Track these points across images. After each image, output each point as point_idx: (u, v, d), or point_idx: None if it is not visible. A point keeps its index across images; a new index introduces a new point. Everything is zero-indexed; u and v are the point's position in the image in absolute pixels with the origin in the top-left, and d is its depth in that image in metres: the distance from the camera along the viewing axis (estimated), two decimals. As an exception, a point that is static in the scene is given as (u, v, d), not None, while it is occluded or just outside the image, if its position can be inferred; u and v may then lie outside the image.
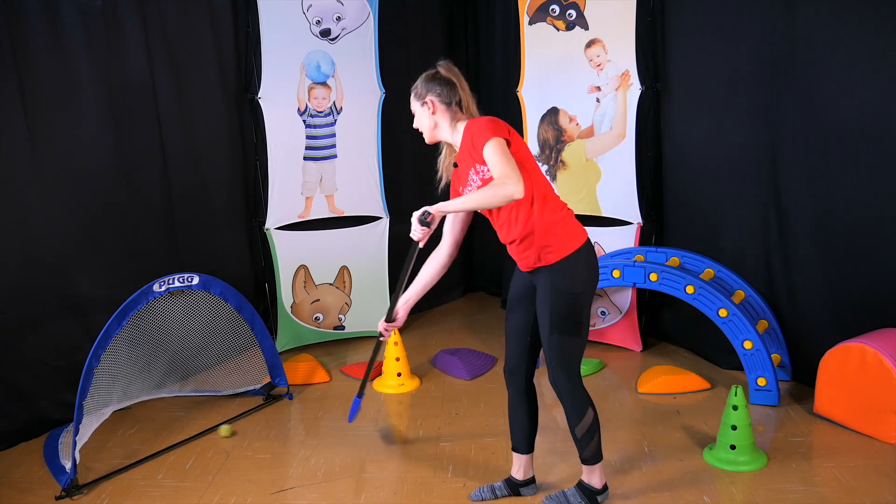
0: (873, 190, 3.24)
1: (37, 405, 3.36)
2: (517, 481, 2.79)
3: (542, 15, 4.27)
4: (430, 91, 2.58)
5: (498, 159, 2.31)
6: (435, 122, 2.59)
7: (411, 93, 2.64)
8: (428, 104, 2.58)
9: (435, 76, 2.62)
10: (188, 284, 3.28)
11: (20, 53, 3.20)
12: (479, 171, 2.45)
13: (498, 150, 2.33)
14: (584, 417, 2.55)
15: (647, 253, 4.01)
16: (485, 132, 2.37)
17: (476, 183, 2.48)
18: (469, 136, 2.45)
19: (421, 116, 2.61)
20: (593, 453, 2.61)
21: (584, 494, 2.66)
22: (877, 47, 3.14)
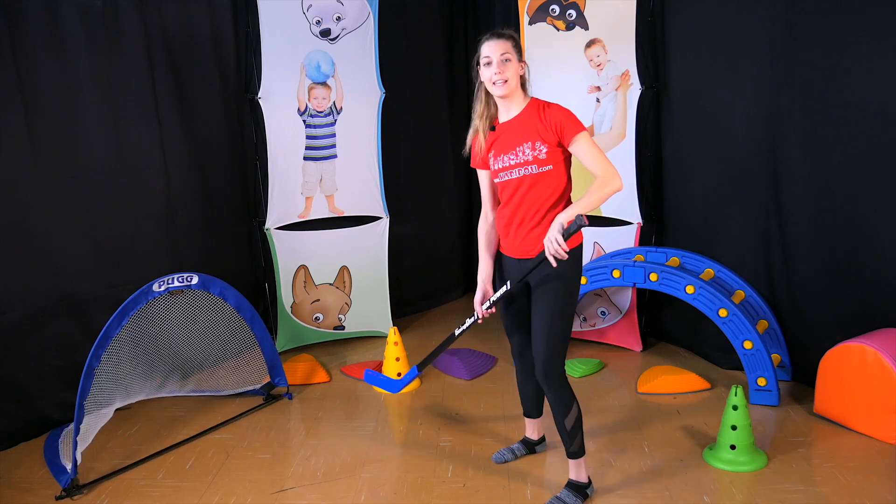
0: (873, 190, 3.24)
1: (37, 405, 3.36)
2: (532, 441, 3.12)
3: (542, 15, 4.27)
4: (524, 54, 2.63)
5: (598, 155, 2.47)
6: (519, 80, 2.59)
7: (509, 40, 2.56)
8: (523, 65, 2.60)
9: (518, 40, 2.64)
10: (188, 284, 3.28)
11: (20, 53, 3.20)
12: (537, 149, 2.53)
13: (595, 145, 2.49)
14: (572, 409, 2.65)
15: (647, 253, 4.01)
16: (578, 122, 2.50)
17: (527, 156, 2.54)
18: (557, 116, 2.51)
19: (514, 69, 2.55)
20: (580, 446, 2.71)
21: (576, 492, 2.73)
22: (877, 47, 3.14)
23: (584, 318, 4.43)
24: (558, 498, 2.72)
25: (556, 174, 2.56)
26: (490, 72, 2.55)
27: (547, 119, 2.52)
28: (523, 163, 2.55)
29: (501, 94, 2.57)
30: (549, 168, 2.54)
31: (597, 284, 3.85)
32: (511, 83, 2.55)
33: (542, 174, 2.55)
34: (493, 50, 2.54)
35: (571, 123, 2.49)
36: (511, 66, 2.54)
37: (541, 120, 2.53)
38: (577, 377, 3.93)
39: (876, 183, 3.23)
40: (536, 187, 2.56)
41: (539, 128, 2.52)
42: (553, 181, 2.56)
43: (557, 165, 2.55)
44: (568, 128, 2.48)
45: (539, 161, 2.53)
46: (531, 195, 2.58)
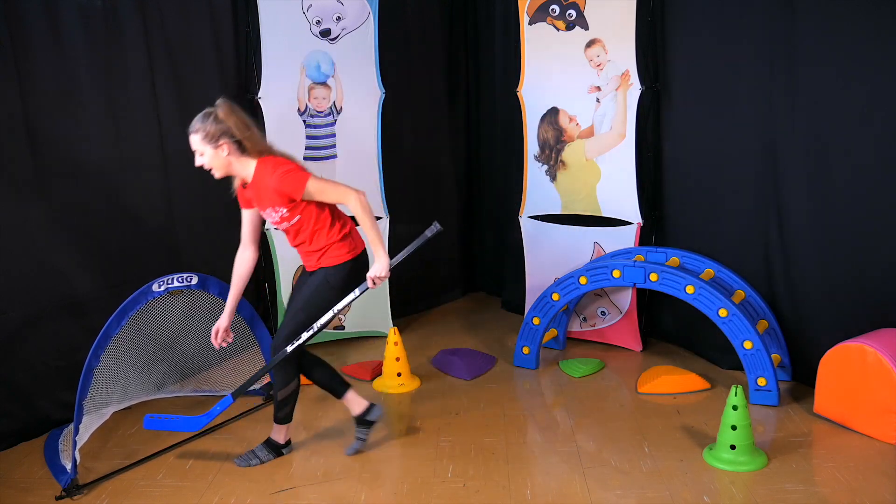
0: (873, 190, 3.24)
1: (37, 405, 3.36)
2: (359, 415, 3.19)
3: (542, 15, 4.27)
4: (223, 133, 2.80)
5: (328, 190, 2.88)
6: (227, 161, 2.84)
7: (197, 133, 2.79)
8: (223, 146, 2.81)
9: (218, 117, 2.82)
10: (187, 284, 3.28)
11: (20, 53, 3.20)
12: (278, 211, 2.90)
13: (320, 184, 2.86)
14: (290, 385, 3.04)
15: (647, 253, 4.01)
16: (296, 182, 2.81)
17: (276, 217, 2.93)
18: (275, 187, 2.82)
19: (212, 157, 2.82)
20: (286, 414, 3.09)
21: (270, 448, 3.12)
22: (877, 47, 3.14)
23: (584, 318, 4.43)
24: (252, 451, 3.10)
25: (308, 216, 2.93)
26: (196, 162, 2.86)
27: (272, 190, 2.83)
28: (279, 220, 2.94)
29: (219, 177, 2.91)
30: (298, 217, 2.92)
31: (597, 284, 3.85)
32: (218, 170, 2.85)
33: (296, 223, 2.94)
34: (191, 146, 2.83)
35: (292, 187, 2.81)
36: (207, 157, 2.81)
37: (267, 191, 2.84)
38: (577, 377, 3.93)
39: (876, 183, 3.23)
40: (299, 230, 2.97)
41: (270, 197, 2.85)
42: (309, 221, 2.94)
43: (304, 212, 2.92)
44: (291, 192, 2.82)
45: (286, 218, 2.92)
46: (299, 235, 2.98)
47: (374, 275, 2.90)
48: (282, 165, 2.84)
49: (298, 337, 2.94)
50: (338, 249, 2.98)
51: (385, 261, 2.90)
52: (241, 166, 2.87)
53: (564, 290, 3.91)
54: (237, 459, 3.10)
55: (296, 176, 2.82)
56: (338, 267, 2.98)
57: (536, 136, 4.42)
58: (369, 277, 2.91)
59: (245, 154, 2.85)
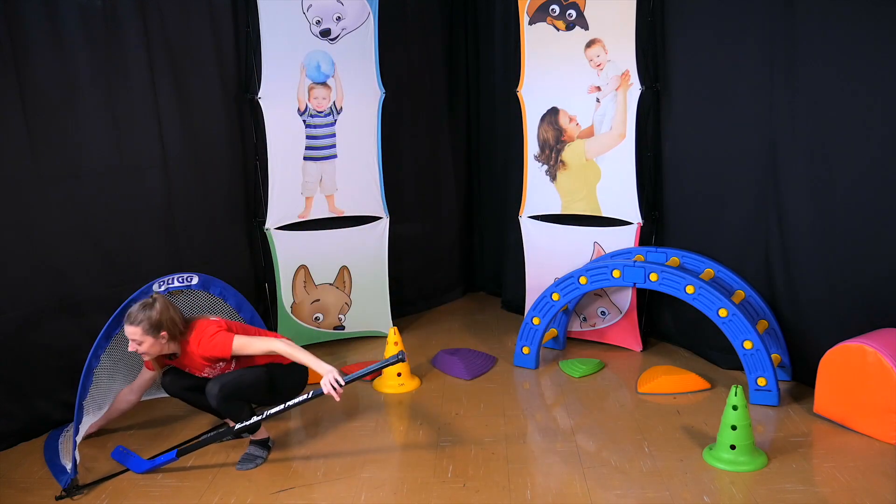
0: (873, 190, 3.24)
1: (37, 405, 3.36)
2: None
3: (542, 15, 4.27)
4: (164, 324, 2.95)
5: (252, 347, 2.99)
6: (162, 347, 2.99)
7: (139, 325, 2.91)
8: (163, 335, 2.96)
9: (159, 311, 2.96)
10: (188, 284, 3.28)
11: (20, 53, 3.20)
12: (216, 366, 3.09)
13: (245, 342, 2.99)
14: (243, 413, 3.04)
15: (647, 253, 4.01)
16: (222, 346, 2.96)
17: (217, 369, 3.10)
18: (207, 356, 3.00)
19: (150, 345, 2.95)
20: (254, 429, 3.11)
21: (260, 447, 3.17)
22: (877, 47, 3.14)
23: (584, 318, 4.43)
24: (248, 454, 3.13)
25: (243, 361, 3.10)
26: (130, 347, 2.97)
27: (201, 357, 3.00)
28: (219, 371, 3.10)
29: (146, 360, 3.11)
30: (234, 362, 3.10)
31: (597, 284, 3.85)
32: (153, 354, 3.00)
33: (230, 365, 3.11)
34: (128, 335, 2.94)
35: (220, 351, 2.97)
36: (146, 346, 2.94)
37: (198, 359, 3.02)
38: (577, 377, 3.93)
39: (876, 182, 3.23)
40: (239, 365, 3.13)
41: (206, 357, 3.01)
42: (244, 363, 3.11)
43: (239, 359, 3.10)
44: (220, 354, 2.99)
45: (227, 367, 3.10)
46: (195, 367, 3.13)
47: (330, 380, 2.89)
48: (204, 332, 3.00)
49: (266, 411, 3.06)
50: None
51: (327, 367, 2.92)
52: (171, 346, 3.03)
53: (564, 290, 3.92)
54: (238, 465, 3.08)
55: (221, 339, 2.97)
56: None
57: (536, 136, 4.42)
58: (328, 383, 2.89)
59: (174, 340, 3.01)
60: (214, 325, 3.02)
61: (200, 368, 3.09)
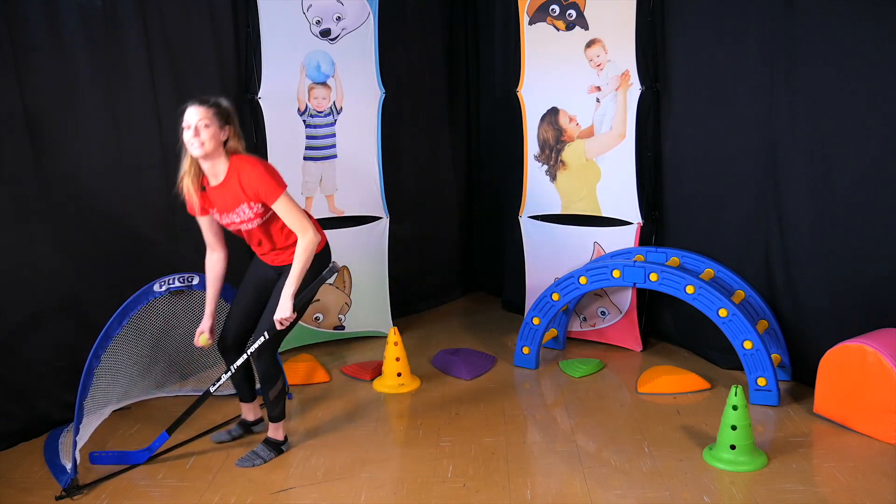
0: (874, 190, 3.24)
1: (37, 405, 3.36)
2: (248, 422, 3.38)
3: (542, 15, 4.27)
4: (231, 120, 2.89)
5: (293, 214, 2.87)
6: (218, 144, 2.85)
7: (211, 108, 2.83)
8: (226, 130, 2.87)
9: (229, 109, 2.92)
10: (188, 284, 3.28)
11: (20, 53, 3.20)
12: (253, 208, 2.89)
13: (290, 205, 2.87)
14: (277, 384, 3.09)
15: (647, 253, 4.01)
16: (272, 186, 2.83)
17: (248, 214, 2.91)
18: (248, 181, 2.83)
19: (212, 134, 2.82)
20: (280, 412, 3.16)
21: (271, 447, 3.15)
22: (877, 47, 3.14)
23: (584, 318, 4.43)
24: (254, 451, 3.12)
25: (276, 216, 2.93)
26: (188, 136, 2.81)
27: (246, 186, 2.84)
28: (248, 219, 2.93)
29: (198, 156, 2.85)
30: (271, 213, 2.93)
31: (597, 284, 3.85)
32: (208, 146, 2.81)
33: (266, 220, 2.96)
34: (193, 116, 2.80)
35: (266, 188, 2.83)
36: (209, 132, 2.80)
37: (241, 187, 2.85)
38: (577, 377, 3.93)
39: (876, 182, 3.23)
40: (264, 231, 2.99)
41: (244, 193, 2.85)
42: (276, 221, 2.95)
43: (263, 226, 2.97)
44: (265, 194, 2.84)
45: (259, 214, 2.92)
46: (263, 233, 3.00)
47: (279, 318, 2.89)
48: (257, 165, 2.87)
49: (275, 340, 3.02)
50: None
51: (290, 303, 2.89)
52: (217, 161, 2.87)
53: (564, 290, 3.92)
54: (239, 461, 3.10)
55: (273, 182, 2.85)
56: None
57: (536, 136, 4.42)
58: (276, 320, 2.90)
59: (224, 151, 2.88)
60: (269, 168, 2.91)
61: (229, 206, 2.90)
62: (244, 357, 3.05)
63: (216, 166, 2.89)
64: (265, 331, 2.98)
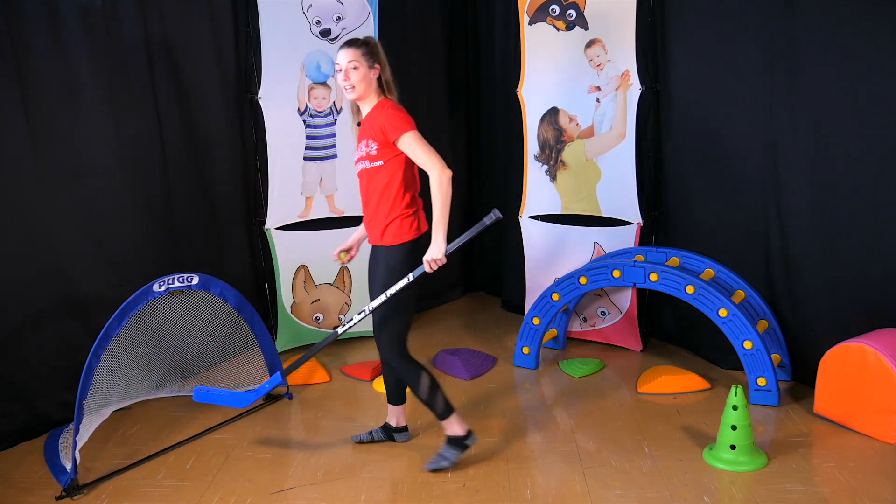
0: (873, 190, 3.24)
1: (37, 405, 3.36)
2: (390, 427, 3.24)
3: (542, 15, 4.27)
4: (378, 58, 2.85)
5: (421, 151, 2.75)
6: (369, 84, 2.85)
7: (360, 48, 2.81)
8: (376, 69, 2.85)
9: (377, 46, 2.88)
10: (188, 284, 3.28)
11: (20, 53, 3.20)
12: (370, 146, 2.83)
13: (418, 142, 2.76)
14: (421, 382, 2.92)
15: (647, 253, 4.01)
16: (401, 125, 2.76)
17: (362, 152, 2.87)
18: (380, 121, 2.79)
19: (362, 75, 2.81)
20: (443, 409, 2.95)
21: (453, 445, 2.99)
22: (877, 47, 3.14)
23: (584, 318, 4.43)
24: (439, 454, 2.98)
25: (386, 170, 2.83)
26: (340, 79, 2.84)
27: (377, 120, 2.80)
28: (362, 157, 2.87)
29: (351, 99, 2.89)
30: (380, 164, 2.83)
31: (597, 284, 3.85)
32: (359, 89, 2.83)
33: (373, 169, 2.85)
34: (342, 59, 2.81)
35: (393, 126, 2.76)
36: (359, 73, 2.80)
37: (375, 120, 2.82)
38: (577, 377, 3.93)
39: (876, 182, 3.23)
40: (371, 181, 2.88)
41: (371, 128, 2.82)
42: (384, 177, 2.84)
43: (388, 162, 2.83)
44: (390, 130, 2.76)
45: (370, 157, 2.83)
46: (371, 187, 2.89)
47: (430, 258, 2.77)
48: (396, 107, 2.85)
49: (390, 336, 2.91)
50: (401, 226, 2.89)
51: (443, 245, 2.77)
52: (369, 99, 2.87)
53: (564, 290, 3.92)
54: (428, 465, 2.98)
55: (402, 119, 2.79)
56: (398, 247, 2.90)
57: (536, 136, 4.42)
58: (426, 261, 2.79)
59: (377, 88, 2.87)
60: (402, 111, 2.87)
61: (365, 135, 2.87)
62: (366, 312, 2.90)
63: (365, 105, 2.90)
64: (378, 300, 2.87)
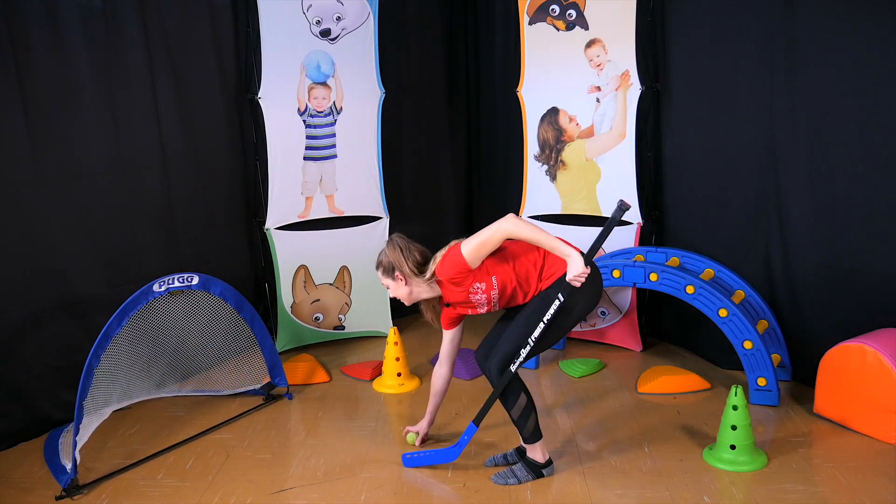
0: (873, 190, 3.24)
1: (37, 405, 3.36)
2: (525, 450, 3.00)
3: (542, 15, 4.27)
4: (398, 266, 2.84)
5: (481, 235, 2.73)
6: (412, 290, 2.88)
7: (378, 268, 2.90)
8: (401, 277, 2.85)
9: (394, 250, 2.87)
10: (188, 284, 3.28)
11: (20, 53, 3.20)
12: (477, 290, 2.81)
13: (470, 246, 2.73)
14: (519, 400, 2.85)
15: (647, 253, 4.01)
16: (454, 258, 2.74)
17: (483, 297, 2.83)
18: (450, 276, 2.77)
19: (396, 288, 2.89)
20: (532, 432, 2.88)
21: (529, 468, 2.91)
22: (877, 47, 3.14)
23: (584, 318, 4.42)
24: (511, 469, 2.91)
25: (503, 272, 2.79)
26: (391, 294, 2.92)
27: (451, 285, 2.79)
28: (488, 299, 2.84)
29: (408, 305, 2.95)
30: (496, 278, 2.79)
31: (597, 284, 3.85)
32: (408, 299, 2.90)
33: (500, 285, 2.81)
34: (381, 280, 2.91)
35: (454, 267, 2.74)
36: (392, 290, 2.89)
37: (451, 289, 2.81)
38: (577, 377, 3.93)
39: (876, 182, 3.23)
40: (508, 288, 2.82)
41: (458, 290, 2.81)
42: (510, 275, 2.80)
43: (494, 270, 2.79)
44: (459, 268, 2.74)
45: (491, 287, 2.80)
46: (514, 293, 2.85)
47: (573, 276, 2.68)
48: (443, 259, 2.80)
49: (518, 355, 2.81)
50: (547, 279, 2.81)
51: (578, 258, 2.68)
52: (425, 290, 2.88)
53: (564, 290, 3.91)
54: (494, 476, 2.91)
55: (451, 254, 2.76)
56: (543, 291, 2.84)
57: (536, 136, 4.42)
58: (571, 280, 2.69)
59: (424, 278, 2.83)
60: (449, 248, 2.81)
61: (465, 301, 2.84)
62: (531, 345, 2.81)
63: (432, 292, 2.90)
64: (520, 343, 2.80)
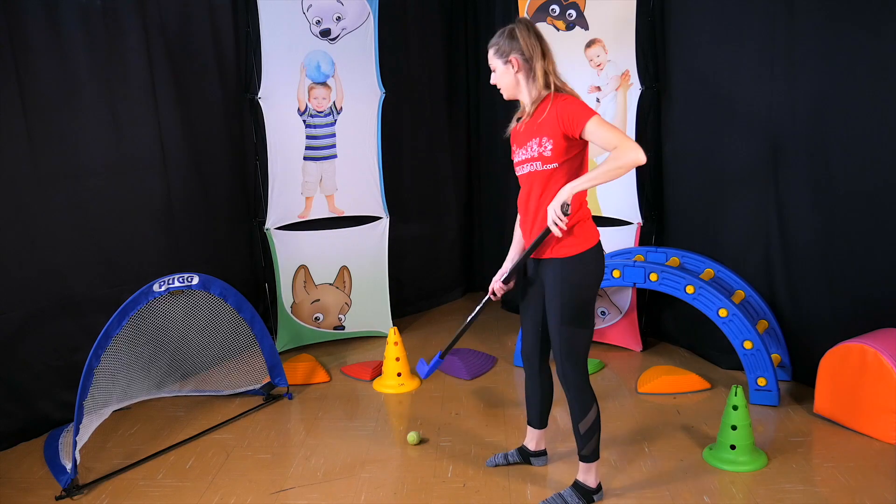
0: (873, 190, 3.24)
1: (37, 405, 3.36)
2: (528, 451, 3.00)
3: (542, 15, 4.27)
4: (514, 49, 2.53)
5: (610, 132, 2.33)
6: (517, 80, 2.55)
7: (490, 48, 2.57)
8: (511, 62, 2.53)
9: (513, 33, 2.54)
10: (188, 284, 3.28)
11: (20, 53, 3.20)
12: (543, 145, 2.46)
13: (604, 124, 2.35)
14: (589, 413, 2.60)
15: (647, 253, 4.01)
16: (581, 112, 2.38)
17: (533, 152, 2.49)
18: (556, 115, 2.42)
19: (502, 74, 2.56)
20: (593, 450, 2.66)
21: (580, 494, 2.69)
22: (877, 47, 3.14)
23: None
24: (560, 495, 2.70)
25: (562, 173, 2.45)
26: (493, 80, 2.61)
27: (552, 116, 2.44)
28: (529, 158, 2.51)
29: (506, 98, 2.62)
30: (554, 166, 2.45)
31: (597, 284, 3.85)
32: (506, 87, 2.57)
33: (547, 172, 2.47)
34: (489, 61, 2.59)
35: (574, 117, 2.38)
36: (498, 74, 2.57)
37: (545, 119, 2.46)
38: (577, 377, 3.93)
39: (876, 182, 3.23)
40: (544, 186, 2.49)
41: (547, 123, 2.45)
42: (559, 180, 2.46)
43: (564, 164, 2.45)
44: (571, 122, 2.38)
45: (543, 158, 2.46)
46: (540, 194, 2.51)
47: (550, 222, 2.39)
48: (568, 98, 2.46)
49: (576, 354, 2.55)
50: (579, 234, 2.49)
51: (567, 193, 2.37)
52: (527, 92, 2.53)
53: (564, 290, 3.91)
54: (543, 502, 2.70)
55: (580, 106, 2.40)
56: (578, 258, 2.49)
57: (536, 136, 4.41)
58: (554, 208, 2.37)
59: (534, 81, 2.51)
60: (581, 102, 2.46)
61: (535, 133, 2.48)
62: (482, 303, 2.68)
63: (528, 97, 2.55)
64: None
